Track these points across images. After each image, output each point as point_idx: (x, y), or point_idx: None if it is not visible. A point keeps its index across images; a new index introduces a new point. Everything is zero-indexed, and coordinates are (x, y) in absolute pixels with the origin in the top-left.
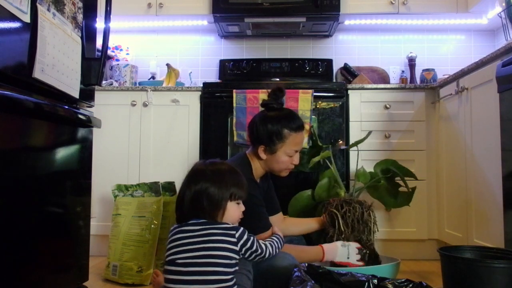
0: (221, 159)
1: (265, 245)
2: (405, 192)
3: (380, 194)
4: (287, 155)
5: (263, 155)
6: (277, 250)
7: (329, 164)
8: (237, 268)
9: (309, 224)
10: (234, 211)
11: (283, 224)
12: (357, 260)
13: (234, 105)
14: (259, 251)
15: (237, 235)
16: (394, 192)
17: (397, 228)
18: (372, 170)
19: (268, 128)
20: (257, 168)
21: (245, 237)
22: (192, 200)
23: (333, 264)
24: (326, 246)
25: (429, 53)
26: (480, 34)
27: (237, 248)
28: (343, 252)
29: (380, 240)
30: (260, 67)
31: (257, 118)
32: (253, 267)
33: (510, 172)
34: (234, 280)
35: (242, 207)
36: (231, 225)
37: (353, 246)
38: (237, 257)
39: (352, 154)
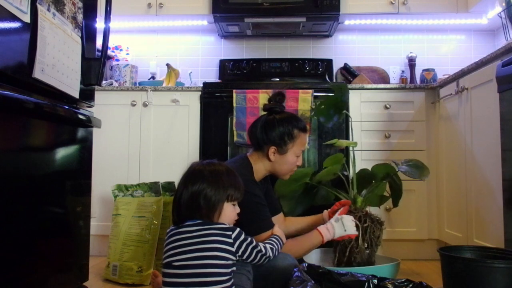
0: (220, 159)
1: (265, 247)
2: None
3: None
4: (295, 155)
5: (272, 157)
6: (277, 252)
7: (352, 155)
8: (234, 268)
9: (310, 222)
10: (230, 212)
11: (283, 224)
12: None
13: (234, 105)
14: (263, 251)
15: (233, 236)
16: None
17: (397, 228)
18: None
19: (280, 130)
20: (258, 171)
21: (242, 237)
22: (189, 201)
23: (335, 241)
24: (321, 228)
25: (429, 53)
26: (480, 34)
27: (233, 249)
28: (339, 227)
29: None
30: (260, 67)
31: (263, 121)
32: (253, 268)
33: (510, 172)
34: (232, 281)
35: (237, 209)
36: (228, 226)
37: (346, 218)
38: (233, 258)
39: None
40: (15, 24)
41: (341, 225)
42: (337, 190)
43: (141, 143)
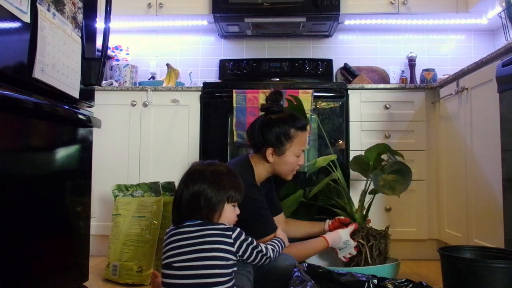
0: (220, 160)
1: (266, 247)
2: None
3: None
4: (295, 155)
5: (271, 158)
6: (278, 253)
7: (333, 168)
8: (235, 269)
9: (311, 228)
10: (230, 213)
11: (283, 225)
12: (343, 257)
13: (234, 105)
14: (264, 251)
15: (233, 236)
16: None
17: (397, 228)
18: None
19: (276, 130)
20: (260, 173)
21: (242, 238)
22: (190, 201)
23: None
24: (330, 238)
25: (429, 53)
26: (480, 34)
27: (233, 249)
28: (341, 247)
29: None
30: (260, 67)
31: (260, 122)
32: (254, 268)
33: (510, 172)
34: (233, 281)
35: (237, 210)
36: (228, 226)
37: (352, 245)
38: (234, 258)
39: (352, 154)
40: (15, 24)
41: (343, 247)
42: (336, 201)
43: (141, 143)
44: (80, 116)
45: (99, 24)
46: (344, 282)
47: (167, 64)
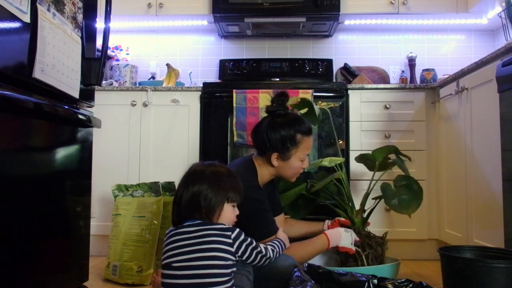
0: (220, 160)
1: (266, 247)
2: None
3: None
4: (300, 160)
5: (275, 163)
6: (278, 254)
7: (338, 168)
8: (234, 269)
9: (310, 228)
10: (230, 213)
11: (283, 225)
12: (351, 243)
13: (234, 105)
14: (264, 252)
15: (233, 236)
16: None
17: (397, 228)
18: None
19: (282, 135)
20: (263, 175)
21: (241, 238)
22: (189, 201)
23: (337, 250)
24: (329, 233)
25: (429, 53)
26: (480, 34)
27: (233, 250)
28: (346, 238)
29: None
30: (260, 67)
31: (265, 125)
32: (254, 268)
33: (510, 172)
34: (232, 281)
35: (237, 211)
36: (227, 226)
37: (354, 233)
38: (233, 258)
39: (352, 154)
40: (15, 24)
41: (349, 237)
42: (337, 200)
43: (141, 143)
44: (80, 116)
45: (99, 24)
46: (344, 282)
47: (167, 64)
